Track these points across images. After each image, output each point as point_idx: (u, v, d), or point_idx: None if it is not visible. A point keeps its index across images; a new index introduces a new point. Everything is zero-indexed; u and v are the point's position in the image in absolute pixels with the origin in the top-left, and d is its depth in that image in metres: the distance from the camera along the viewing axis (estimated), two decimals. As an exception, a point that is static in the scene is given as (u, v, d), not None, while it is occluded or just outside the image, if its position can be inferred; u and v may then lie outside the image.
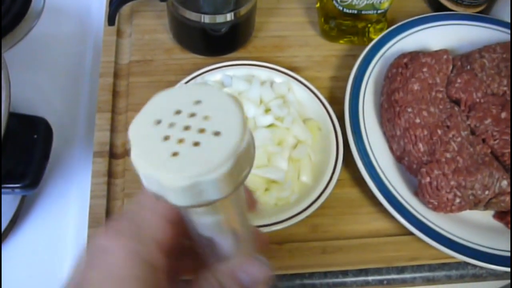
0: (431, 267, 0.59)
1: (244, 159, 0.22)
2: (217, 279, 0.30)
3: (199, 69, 0.64)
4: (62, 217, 0.59)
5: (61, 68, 0.70)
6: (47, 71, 0.69)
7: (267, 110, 0.60)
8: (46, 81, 0.69)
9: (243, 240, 0.30)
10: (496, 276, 0.59)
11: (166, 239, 0.28)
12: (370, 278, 0.58)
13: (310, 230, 0.58)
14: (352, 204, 0.60)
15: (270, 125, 0.59)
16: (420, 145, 0.57)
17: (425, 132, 0.57)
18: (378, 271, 0.58)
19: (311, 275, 0.57)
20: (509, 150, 0.56)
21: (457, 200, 0.55)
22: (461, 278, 0.59)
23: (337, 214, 0.59)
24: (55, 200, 0.60)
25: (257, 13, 0.68)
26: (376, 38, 0.66)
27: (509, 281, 0.62)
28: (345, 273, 0.58)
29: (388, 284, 0.59)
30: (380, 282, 0.58)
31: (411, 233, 0.55)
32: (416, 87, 0.60)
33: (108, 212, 0.57)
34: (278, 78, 0.64)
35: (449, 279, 0.59)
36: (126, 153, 0.60)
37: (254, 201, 0.34)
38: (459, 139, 0.57)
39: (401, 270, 0.58)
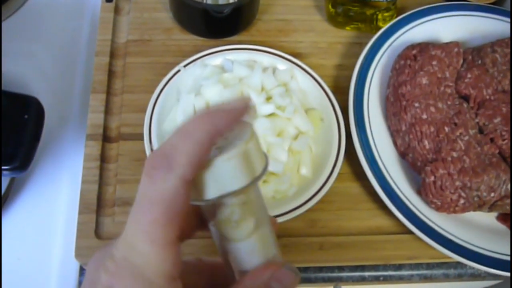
0: (429, 265, 0.57)
1: (253, 156, 0.28)
2: None
3: (199, 51, 0.62)
4: (53, 200, 0.57)
5: (56, 43, 0.67)
6: (42, 45, 0.67)
7: (268, 98, 0.58)
8: (40, 55, 0.66)
9: (268, 245, 0.31)
10: (495, 276, 0.58)
11: (171, 265, 0.26)
12: (366, 274, 0.57)
13: (308, 225, 0.56)
14: (352, 199, 0.58)
15: (271, 115, 0.57)
16: (426, 142, 0.55)
17: (432, 129, 0.55)
18: (375, 267, 0.57)
19: (306, 269, 0.56)
20: (518, 151, 0.54)
21: (461, 201, 0.53)
22: (459, 277, 0.58)
23: (336, 209, 0.57)
24: (46, 183, 0.58)
25: (262, -6, 0.66)
26: (385, 27, 0.64)
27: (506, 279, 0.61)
28: (341, 268, 0.57)
29: (385, 280, 0.57)
30: (377, 278, 0.57)
31: (411, 232, 0.54)
32: (424, 81, 0.57)
33: (100, 198, 0.55)
34: (281, 65, 0.61)
35: (447, 278, 0.58)
36: (120, 137, 0.58)
37: (274, 220, 0.33)
38: (466, 137, 0.55)
39: (399, 267, 0.57)
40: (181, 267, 0.27)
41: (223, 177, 0.27)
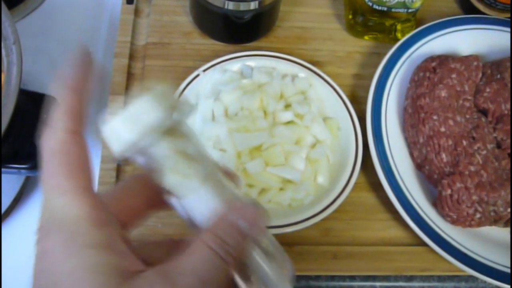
0: (440, 278, 0.57)
1: (167, 97, 0.29)
2: (215, 234, 0.29)
3: (218, 56, 0.62)
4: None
5: (74, 43, 0.67)
6: (60, 44, 0.67)
7: (287, 106, 0.58)
8: (57, 55, 0.66)
9: (225, 192, 0.31)
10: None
11: (89, 211, 0.27)
12: (377, 284, 0.57)
13: (322, 234, 0.56)
14: (367, 209, 0.58)
15: (289, 122, 0.57)
16: (443, 155, 0.55)
17: (450, 142, 0.55)
18: (386, 277, 0.57)
19: (318, 277, 0.56)
20: (535, 168, 0.54)
21: (477, 215, 0.53)
22: (471, 290, 0.58)
23: (351, 219, 0.57)
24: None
25: (282, 1, 0.66)
26: (404, 38, 0.64)
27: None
28: (352, 278, 0.57)
29: (395, 291, 0.57)
30: (387, 288, 0.57)
31: (424, 244, 0.54)
32: (443, 94, 0.57)
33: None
34: (300, 72, 0.62)
35: (457, 291, 0.58)
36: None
37: (233, 174, 0.34)
38: (484, 152, 0.55)
39: (410, 278, 0.57)
40: (107, 211, 0.28)
41: (139, 114, 0.28)
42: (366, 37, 0.68)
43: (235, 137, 0.54)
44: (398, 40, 0.64)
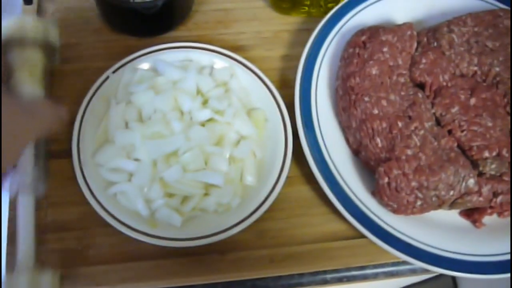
0: (394, 263, 0.53)
1: None
2: None
3: (132, 52, 0.56)
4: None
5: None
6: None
7: (205, 102, 0.53)
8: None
9: None
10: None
11: None
12: (328, 276, 0.53)
13: (257, 237, 0.52)
14: (303, 204, 0.54)
15: (208, 120, 0.52)
16: (378, 140, 0.50)
17: (384, 125, 0.50)
18: (336, 269, 0.53)
19: (263, 278, 0.52)
20: (477, 143, 0.50)
21: (419, 202, 0.49)
22: (427, 271, 0.54)
23: (286, 217, 0.53)
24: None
25: (198, -18, 0.60)
26: (332, 10, 0.58)
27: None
28: (301, 274, 0.53)
29: (349, 281, 0.54)
30: (340, 279, 0.53)
31: (368, 236, 0.50)
32: (374, 71, 0.52)
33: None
34: (221, 62, 0.56)
35: (413, 273, 0.55)
36: (50, 155, 0.54)
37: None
38: (422, 131, 0.50)
39: (362, 267, 0.53)
40: None
41: None
42: (293, 14, 0.62)
43: (148, 144, 0.49)
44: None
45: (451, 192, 0.49)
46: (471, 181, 0.48)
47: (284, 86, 0.57)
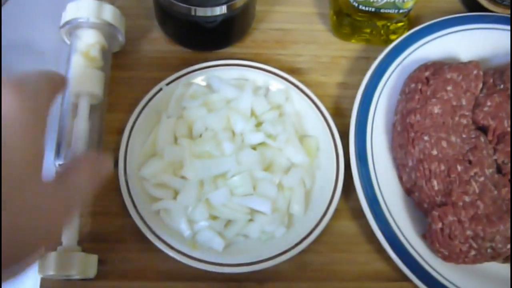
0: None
1: None
2: None
3: (186, 65, 0.55)
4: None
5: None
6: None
7: (259, 124, 0.52)
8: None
9: None
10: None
11: None
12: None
13: (297, 269, 0.50)
14: (348, 239, 0.52)
15: (260, 144, 0.51)
16: (435, 182, 0.48)
17: (442, 167, 0.48)
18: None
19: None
20: (540, 197, 0.47)
21: (472, 252, 0.46)
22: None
23: (329, 251, 0.51)
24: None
25: (259, 0, 0.58)
26: (395, 41, 0.56)
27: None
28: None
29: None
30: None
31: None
32: (436, 110, 0.50)
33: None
34: (276, 83, 0.55)
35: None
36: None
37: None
38: (482, 178, 0.48)
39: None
40: None
41: None
42: (353, 40, 0.61)
43: (196, 163, 0.48)
44: (391, 42, 0.57)
45: (508, 246, 0.46)
46: (531, 236, 0.46)
47: (338, 115, 0.55)
